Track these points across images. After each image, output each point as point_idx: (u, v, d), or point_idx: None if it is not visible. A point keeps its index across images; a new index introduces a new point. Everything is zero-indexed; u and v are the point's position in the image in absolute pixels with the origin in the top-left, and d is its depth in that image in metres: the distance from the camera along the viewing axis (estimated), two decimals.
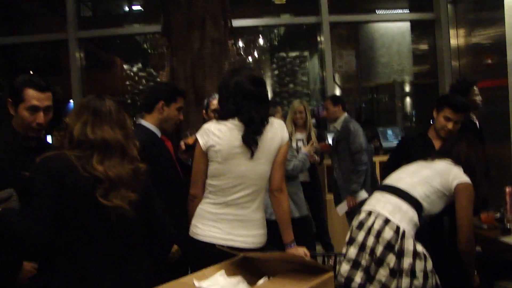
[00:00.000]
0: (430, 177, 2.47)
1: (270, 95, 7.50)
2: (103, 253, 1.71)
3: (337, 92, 7.29)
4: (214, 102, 3.24)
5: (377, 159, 5.31)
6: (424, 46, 7.18)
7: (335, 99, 4.45)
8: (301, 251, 2.25)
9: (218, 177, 2.20)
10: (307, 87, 7.37)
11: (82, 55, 6.16)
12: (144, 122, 2.58)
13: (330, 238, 4.85)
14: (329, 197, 5.11)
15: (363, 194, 4.18)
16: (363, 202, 2.71)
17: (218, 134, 2.20)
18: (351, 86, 7.09)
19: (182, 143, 2.79)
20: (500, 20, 5.54)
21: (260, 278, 1.82)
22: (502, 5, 5.27)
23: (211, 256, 2.06)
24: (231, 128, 2.21)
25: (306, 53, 7.44)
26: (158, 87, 2.67)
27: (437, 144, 3.01)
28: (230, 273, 1.83)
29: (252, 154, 2.18)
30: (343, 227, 4.63)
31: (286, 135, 2.27)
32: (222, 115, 2.24)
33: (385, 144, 5.57)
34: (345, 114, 4.38)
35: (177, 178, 2.57)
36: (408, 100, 7.62)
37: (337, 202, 4.44)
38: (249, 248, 2.20)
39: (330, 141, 4.72)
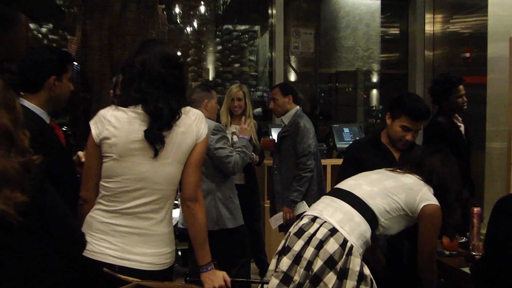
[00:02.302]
0: (394, 191, 2.47)
1: (210, 75, 7.49)
2: None
3: (292, 77, 7.29)
4: None
5: (328, 162, 5.35)
6: (395, 31, 7.28)
7: (285, 88, 4.41)
8: (220, 277, 2.22)
9: (112, 178, 2.14)
10: (255, 69, 7.38)
11: None
12: (27, 104, 2.38)
13: (266, 255, 4.83)
14: (267, 204, 5.09)
15: (303, 206, 4.16)
16: (300, 216, 2.75)
17: (115, 124, 2.12)
18: (307, 71, 7.10)
19: (81, 154, 2.60)
20: (482, 8, 5.66)
21: None
22: None
23: (99, 278, 1.97)
24: (132, 117, 2.12)
25: (256, 28, 7.43)
26: (43, 57, 2.43)
27: (395, 153, 3.02)
28: None
29: (155, 152, 2.10)
30: (281, 239, 4.61)
31: (203, 131, 2.22)
32: (123, 101, 2.15)
33: (340, 145, 5.61)
34: (297, 108, 4.35)
35: (71, 177, 2.42)
36: (373, 92, 7.75)
37: (272, 211, 4.41)
38: (148, 270, 2.12)
39: (275, 137, 4.70)
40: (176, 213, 3.83)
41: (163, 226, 2.20)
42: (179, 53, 6.64)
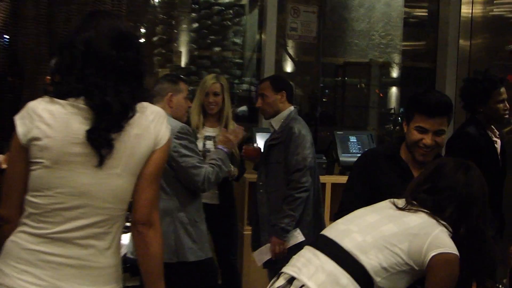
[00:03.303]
0: (394, 239, 2.43)
1: (183, 60, 7.47)
2: None
3: (287, 68, 7.28)
4: None
5: (328, 180, 5.37)
6: (422, 12, 7.34)
7: (277, 83, 4.39)
8: None
9: (42, 192, 2.14)
10: (240, 55, 7.34)
11: None
12: None
13: None
14: (249, 231, 5.07)
15: (296, 236, 4.15)
16: (296, 249, 2.72)
17: (48, 121, 2.10)
18: (307, 61, 7.11)
19: (1, 158, 2.60)
20: None
21: None
22: None
23: None
24: (72, 113, 2.11)
25: (244, 1, 7.43)
26: None
27: (414, 171, 3.02)
28: None
29: (100, 160, 2.09)
30: (265, 281, 4.60)
31: (164, 134, 2.22)
32: (60, 91, 2.14)
33: (344, 158, 5.62)
34: (291, 108, 4.34)
35: None
36: (392, 91, 7.77)
37: (256, 241, 4.39)
38: None
39: (261, 145, 4.69)
40: (127, 239, 3.82)
41: (108, 257, 2.19)
42: (143, 31, 6.63)
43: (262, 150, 4.52)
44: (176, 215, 3.57)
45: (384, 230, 2.47)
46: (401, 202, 2.61)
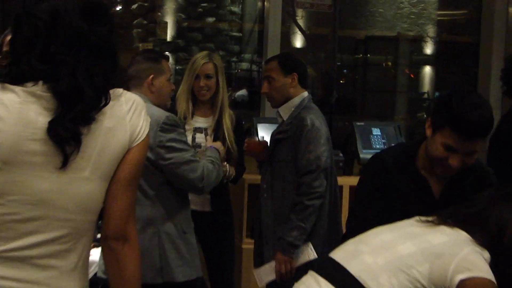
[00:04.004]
0: (411, 260, 2.38)
1: (169, 33, 7.47)
2: None
3: (297, 43, 7.26)
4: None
5: (346, 181, 5.38)
6: None
7: (287, 63, 4.37)
8: None
9: None
10: (239, 27, 7.41)
11: None
12: None
13: None
14: (248, 245, 5.07)
15: (307, 253, 4.14)
16: (306, 268, 2.76)
17: None
18: (320, 35, 7.09)
19: None
20: None
21: None
22: None
23: None
24: (29, 102, 2.08)
25: None
26: None
27: (435, 185, 3.02)
28: None
29: (64, 160, 2.07)
30: None
31: (143, 127, 2.21)
32: (15, 74, 2.12)
33: (365, 155, 5.58)
34: (304, 95, 4.33)
35: None
36: (425, 71, 7.77)
37: (259, 257, 4.40)
38: None
39: (267, 139, 4.68)
40: (97, 255, 3.82)
41: (73, 279, 2.19)
42: None
43: (267, 145, 4.51)
44: (161, 226, 3.58)
45: (400, 250, 2.44)
46: (429, 218, 2.60)
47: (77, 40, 2.11)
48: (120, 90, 2.22)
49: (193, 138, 4.48)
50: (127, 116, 2.19)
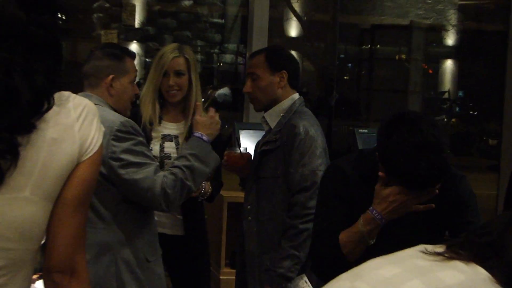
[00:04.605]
0: None
1: (137, 19, 7.47)
2: None
3: (292, 32, 7.28)
4: None
5: None
6: None
7: (275, 58, 4.34)
8: None
9: None
10: (221, 12, 7.48)
11: None
12: None
13: None
14: (228, 275, 5.08)
15: (302, 286, 4.15)
16: None
17: None
18: (319, 21, 7.09)
19: None
20: None
21: None
22: None
23: None
24: None
25: None
26: None
27: None
28: None
29: (0, 177, 2.07)
30: None
31: (95, 138, 2.17)
32: None
33: None
34: (294, 97, 4.29)
35: None
36: (446, 66, 7.80)
37: None
38: None
39: (250, 150, 4.67)
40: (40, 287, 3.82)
41: None
42: None
43: (251, 157, 4.49)
44: (118, 252, 3.54)
45: None
46: (436, 248, 2.60)
47: (12, 32, 2.09)
48: (67, 93, 2.17)
49: (161, 148, 4.40)
50: (76, 125, 2.15)
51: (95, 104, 3.02)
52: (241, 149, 4.62)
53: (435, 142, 2.91)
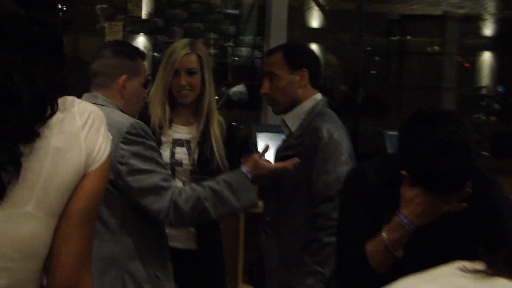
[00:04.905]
0: None
1: (143, 11, 7.48)
2: None
3: (313, 22, 7.29)
4: None
5: None
6: None
7: (295, 55, 4.31)
8: None
9: None
10: (235, 3, 7.54)
11: None
12: None
13: None
14: None
15: None
16: None
17: None
18: (344, 11, 7.10)
19: None
20: None
21: None
22: None
23: None
24: None
25: None
26: None
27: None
28: None
29: (1, 191, 2.08)
30: None
31: (102, 147, 2.13)
32: None
33: None
34: (317, 97, 4.28)
35: None
36: (483, 59, 7.77)
37: None
38: None
39: (269, 156, 4.67)
40: None
41: None
42: None
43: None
44: (125, 267, 3.52)
45: None
46: (475, 264, 2.60)
47: (11, 31, 2.09)
48: (71, 98, 2.16)
49: (172, 154, 4.35)
50: (82, 133, 2.15)
51: (102, 105, 3.02)
52: (255, 154, 4.59)
53: (460, 141, 2.85)
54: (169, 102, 4.50)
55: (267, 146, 3.94)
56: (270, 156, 4.48)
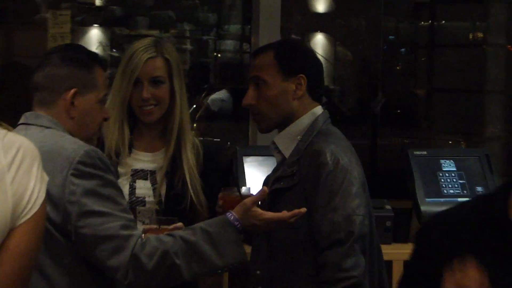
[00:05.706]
0: None
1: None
2: None
3: (319, 6, 7.34)
4: None
5: (397, 255, 5.42)
6: None
7: (289, 57, 4.34)
8: None
9: None
10: None
11: None
12: None
13: None
14: None
15: None
16: None
17: None
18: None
19: None
20: None
21: None
22: None
23: None
24: None
25: None
26: None
27: None
28: None
29: None
30: None
31: (34, 193, 2.21)
32: None
33: (427, 208, 5.66)
34: (316, 111, 4.28)
35: None
36: None
37: None
38: None
39: (257, 188, 4.66)
40: None
41: None
42: None
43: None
44: None
45: None
46: None
47: None
48: None
49: (132, 189, 4.31)
50: (8, 175, 2.18)
51: (47, 127, 3.05)
52: (243, 189, 4.47)
53: None
54: (128, 121, 4.44)
55: (265, 191, 3.93)
56: (258, 188, 4.41)
